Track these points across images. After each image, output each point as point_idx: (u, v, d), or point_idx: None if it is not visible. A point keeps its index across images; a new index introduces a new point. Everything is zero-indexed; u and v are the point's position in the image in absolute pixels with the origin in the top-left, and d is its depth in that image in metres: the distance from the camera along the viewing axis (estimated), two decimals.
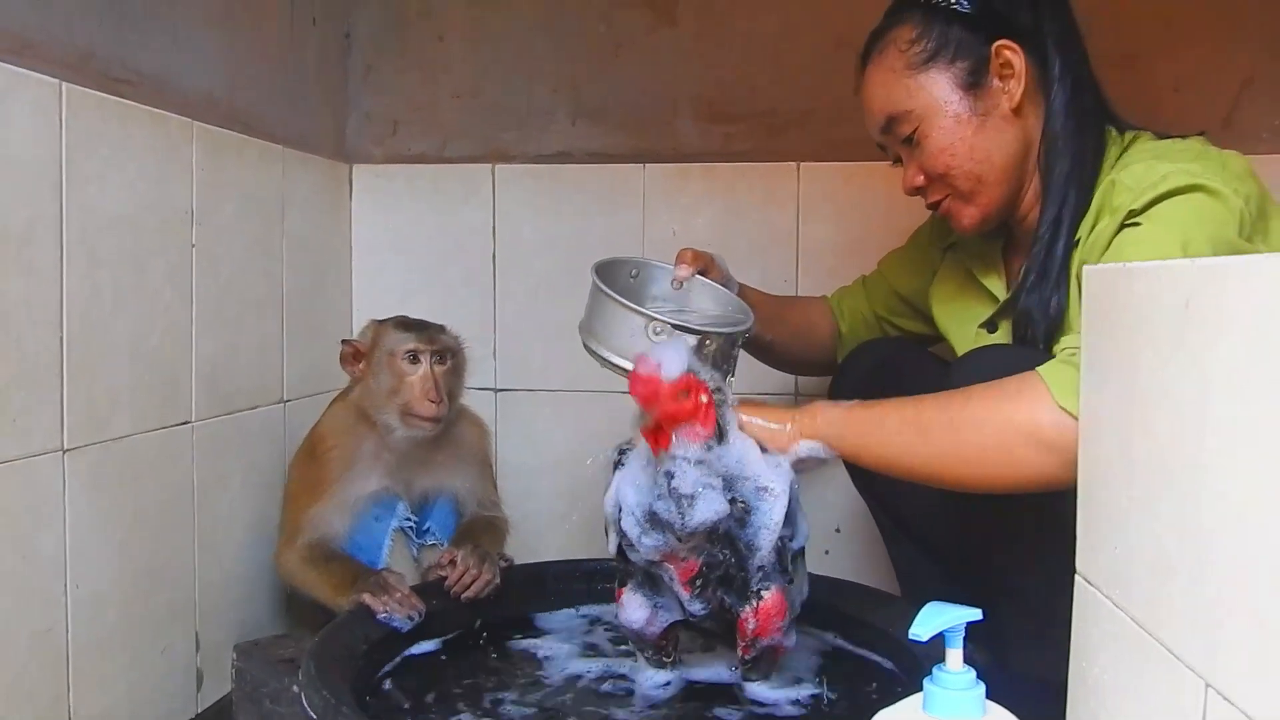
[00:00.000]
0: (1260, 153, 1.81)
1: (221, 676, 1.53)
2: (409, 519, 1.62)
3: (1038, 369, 1.07)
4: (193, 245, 1.47)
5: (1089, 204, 1.24)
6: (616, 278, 1.33)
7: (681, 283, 1.37)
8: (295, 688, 1.18)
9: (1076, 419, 0.93)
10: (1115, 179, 1.20)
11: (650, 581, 1.22)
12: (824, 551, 1.94)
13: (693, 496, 1.10)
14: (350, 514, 1.58)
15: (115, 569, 1.31)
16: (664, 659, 1.31)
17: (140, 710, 1.37)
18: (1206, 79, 1.83)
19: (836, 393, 1.57)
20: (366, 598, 1.40)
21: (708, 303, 1.40)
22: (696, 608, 1.18)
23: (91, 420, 1.27)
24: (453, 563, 1.47)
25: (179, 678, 1.47)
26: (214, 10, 1.54)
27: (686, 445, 1.10)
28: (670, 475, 1.10)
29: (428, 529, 1.63)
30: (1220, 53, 1.83)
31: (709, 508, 1.10)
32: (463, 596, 1.45)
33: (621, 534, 1.16)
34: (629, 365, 1.17)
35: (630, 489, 1.15)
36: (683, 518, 1.10)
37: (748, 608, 1.18)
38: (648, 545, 1.13)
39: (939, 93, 1.29)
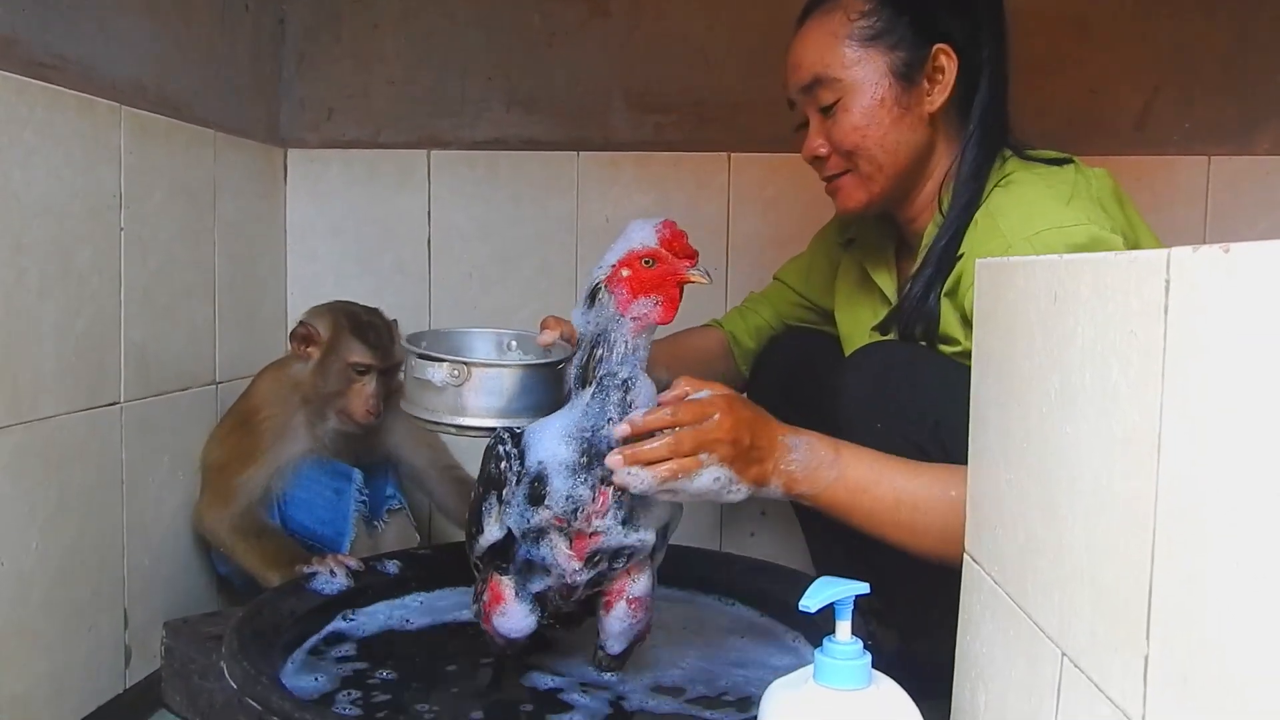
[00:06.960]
0: (1169, 154, 1.89)
1: (150, 654, 1.54)
2: (363, 493, 1.68)
3: None
4: (121, 229, 1.47)
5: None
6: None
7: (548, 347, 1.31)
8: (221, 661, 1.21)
9: None
10: (991, 221, 1.22)
11: (527, 570, 1.21)
12: (749, 534, 1.99)
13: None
14: (283, 478, 1.63)
15: (40, 548, 1.32)
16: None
17: (67, 687, 1.38)
18: (1120, 84, 1.89)
19: (754, 388, 1.62)
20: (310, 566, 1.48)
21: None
22: (581, 577, 1.18)
23: (16, 401, 1.27)
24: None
25: (107, 655, 1.47)
26: None
27: (644, 336, 1.15)
28: (628, 388, 1.12)
29: (391, 495, 1.71)
30: (1133, 60, 1.89)
31: None
32: None
33: (540, 497, 1.13)
34: (448, 420, 1.23)
35: (557, 442, 1.13)
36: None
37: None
38: (580, 494, 1.12)
39: (872, 72, 1.29)
